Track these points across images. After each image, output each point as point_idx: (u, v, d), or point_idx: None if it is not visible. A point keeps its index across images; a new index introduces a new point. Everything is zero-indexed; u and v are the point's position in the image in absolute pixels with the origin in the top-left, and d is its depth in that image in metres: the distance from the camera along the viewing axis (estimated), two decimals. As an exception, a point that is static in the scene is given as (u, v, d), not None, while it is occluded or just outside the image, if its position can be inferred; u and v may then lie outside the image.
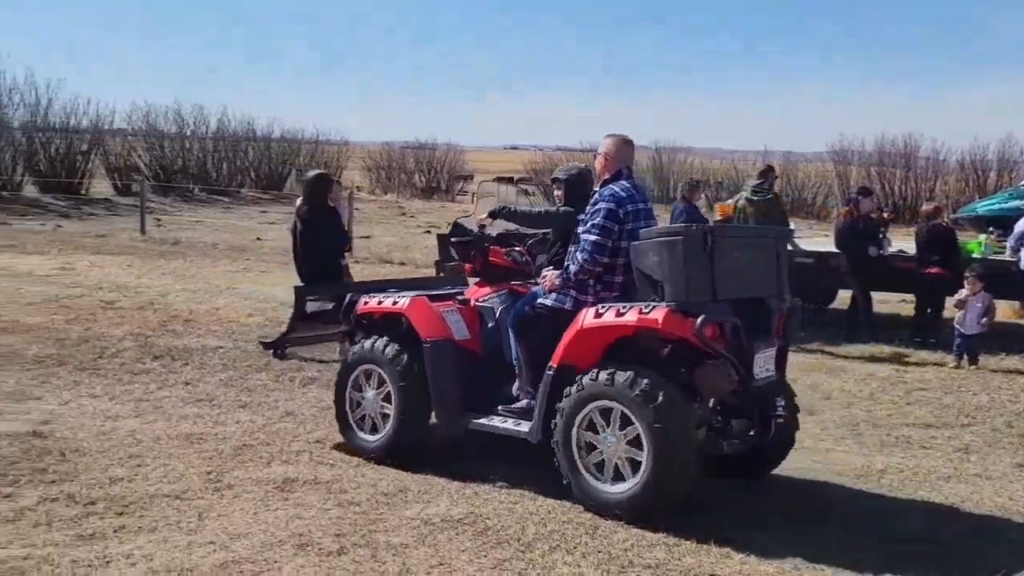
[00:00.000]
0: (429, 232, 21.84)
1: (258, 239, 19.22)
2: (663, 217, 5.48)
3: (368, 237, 18.84)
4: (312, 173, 8.84)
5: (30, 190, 26.10)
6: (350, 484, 4.99)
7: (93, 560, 3.92)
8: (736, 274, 4.67)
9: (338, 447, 5.65)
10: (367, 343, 5.51)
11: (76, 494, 4.66)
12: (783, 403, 4.88)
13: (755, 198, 10.25)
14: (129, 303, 10.58)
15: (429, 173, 40.70)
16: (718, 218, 9.46)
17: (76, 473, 4.99)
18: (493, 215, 5.55)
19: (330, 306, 6.47)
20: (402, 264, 15.74)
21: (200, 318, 9.96)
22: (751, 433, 4.92)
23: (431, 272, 8.89)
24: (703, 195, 16.05)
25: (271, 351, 7.46)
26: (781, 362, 5.01)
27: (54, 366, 7.47)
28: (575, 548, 4.24)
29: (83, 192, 27.15)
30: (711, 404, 4.72)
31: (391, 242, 18.88)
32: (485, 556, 4.12)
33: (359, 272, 12.09)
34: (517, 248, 5.75)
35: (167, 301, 10.85)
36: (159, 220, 21.83)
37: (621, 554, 4.19)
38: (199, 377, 7.34)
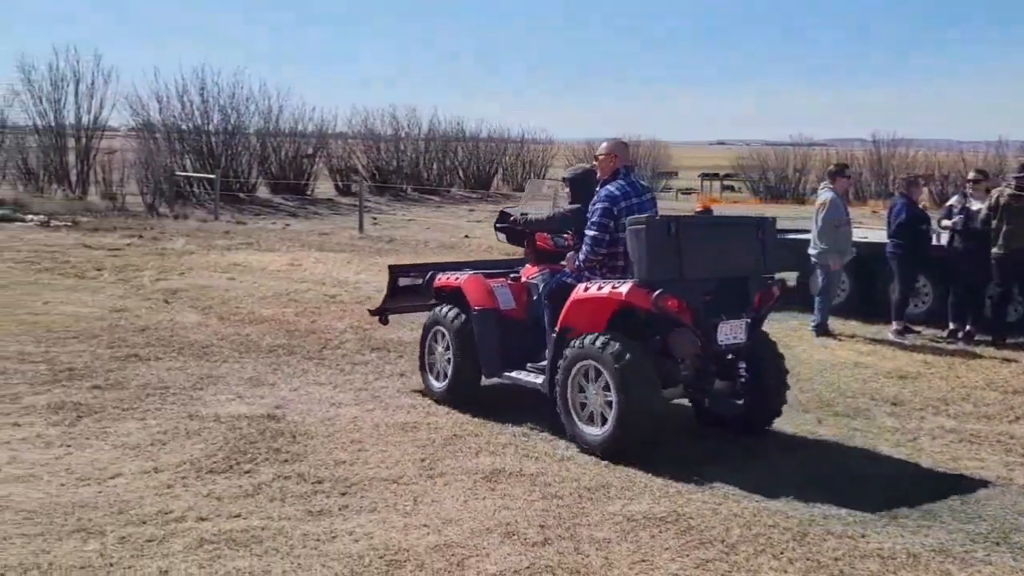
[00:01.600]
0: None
1: (466, 237, 19.90)
2: (656, 207, 5.75)
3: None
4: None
5: (263, 191, 28.33)
6: (554, 478, 5.11)
7: (321, 534, 4.25)
8: (707, 257, 5.54)
9: (543, 441, 5.80)
10: (437, 309, 6.76)
11: (306, 473, 5.07)
12: (745, 366, 5.76)
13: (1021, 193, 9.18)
14: (349, 297, 11.29)
15: (632, 170, 40.56)
16: (698, 210, 8.91)
17: (305, 454, 5.42)
18: (508, 229, 6.85)
19: (419, 281, 7.23)
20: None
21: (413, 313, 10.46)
22: (739, 394, 5.86)
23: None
24: (925, 190, 15.08)
25: (377, 317, 7.89)
26: (754, 331, 5.72)
27: (285, 355, 8.11)
28: (781, 553, 4.15)
29: (308, 193, 29.19)
30: (687, 365, 5.65)
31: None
32: (687, 556, 4.11)
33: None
34: (564, 236, 6.58)
35: (383, 297, 11.44)
36: (375, 219, 23.08)
37: (831, 563, 4.06)
38: (412, 369, 7.71)
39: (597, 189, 5.93)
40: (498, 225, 7.08)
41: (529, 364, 6.22)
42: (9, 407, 6.12)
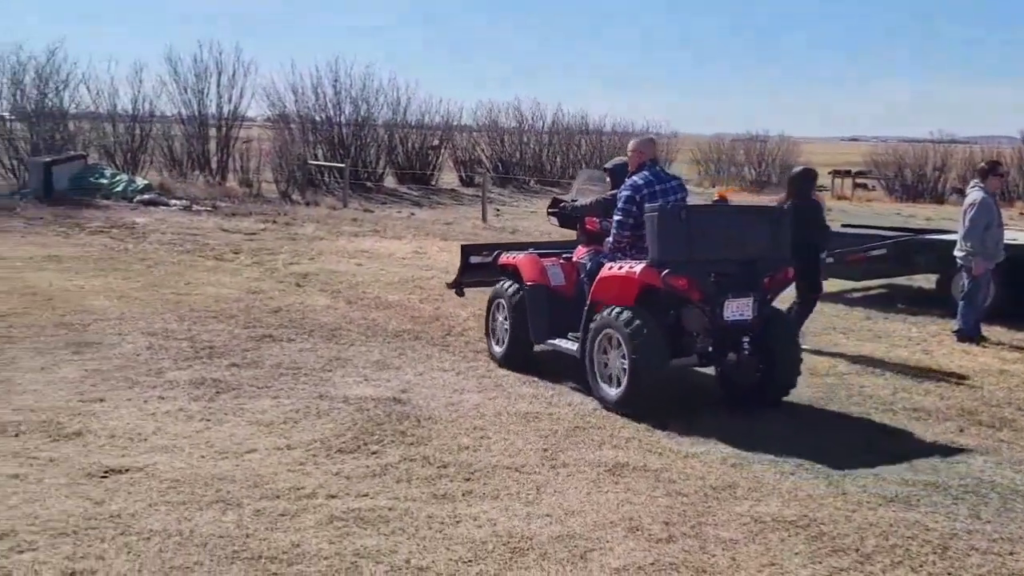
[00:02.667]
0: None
1: (588, 229, 19.79)
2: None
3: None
4: (798, 168, 8.78)
5: (389, 181, 28.95)
6: (678, 475, 5.03)
7: (445, 518, 4.30)
8: (715, 241, 6.16)
9: (667, 437, 5.71)
10: (499, 284, 7.60)
11: (430, 457, 5.14)
12: (749, 340, 6.23)
13: None
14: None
15: (759, 166, 39.59)
16: (716, 199, 9.03)
17: (430, 438, 5.49)
18: (558, 213, 7.63)
19: (488, 259, 8.04)
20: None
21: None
22: (753, 366, 6.38)
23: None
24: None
25: (453, 290, 8.66)
26: (762, 310, 6.24)
27: (410, 340, 8.26)
28: (921, 567, 3.96)
29: (433, 183, 29.66)
30: (701, 338, 6.25)
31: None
32: (820, 562, 3.97)
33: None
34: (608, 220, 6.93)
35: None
36: (498, 210, 23.25)
37: (975, 580, 3.84)
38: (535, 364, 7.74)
39: (626, 179, 6.67)
40: (550, 210, 7.91)
41: (570, 333, 6.88)
42: (155, 381, 6.45)
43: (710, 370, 6.78)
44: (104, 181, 19.88)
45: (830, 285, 11.60)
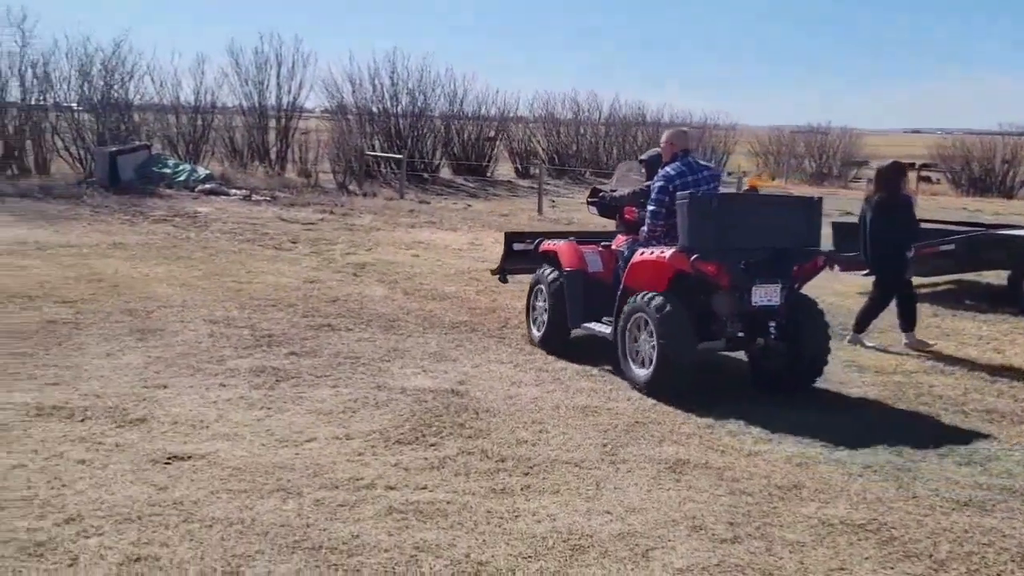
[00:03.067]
0: (819, 219, 20.84)
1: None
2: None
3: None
4: (886, 162, 8.63)
5: (445, 172, 29.03)
6: (741, 473, 4.92)
7: (504, 513, 4.26)
8: (744, 229, 6.32)
9: (729, 434, 5.60)
10: (539, 270, 7.86)
11: (489, 450, 5.10)
12: (775, 325, 6.41)
13: None
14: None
15: (820, 158, 38.86)
16: (747, 188, 9.03)
17: (488, 431, 5.46)
18: (598, 203, 7.85)
19: (531, 247, 8.31)
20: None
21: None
22: (781, 351, 6.51)
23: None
24: None
25: (497, 276, 8.99)
26: (790, 296, 6.39)
27: (466, 332, 8.24)
28: (998, 576, 3.81)
29: (488, 174, 29.66)
30: (731, 323, 6.44)
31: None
32: (891, 568, 3.84)
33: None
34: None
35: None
36: (554, 201, 23.14)
37: (1057, 592, 3.68)
38: (590, 354, 7.66)
39: (659, 170, 6.90)
40: (589, 200, 8.17)
41: (604, 317, 7.11)
42: (217, 368, 6.51)
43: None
44: (167, 171, 20.25)
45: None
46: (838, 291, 11.10)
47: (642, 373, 6.46)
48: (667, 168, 6.78)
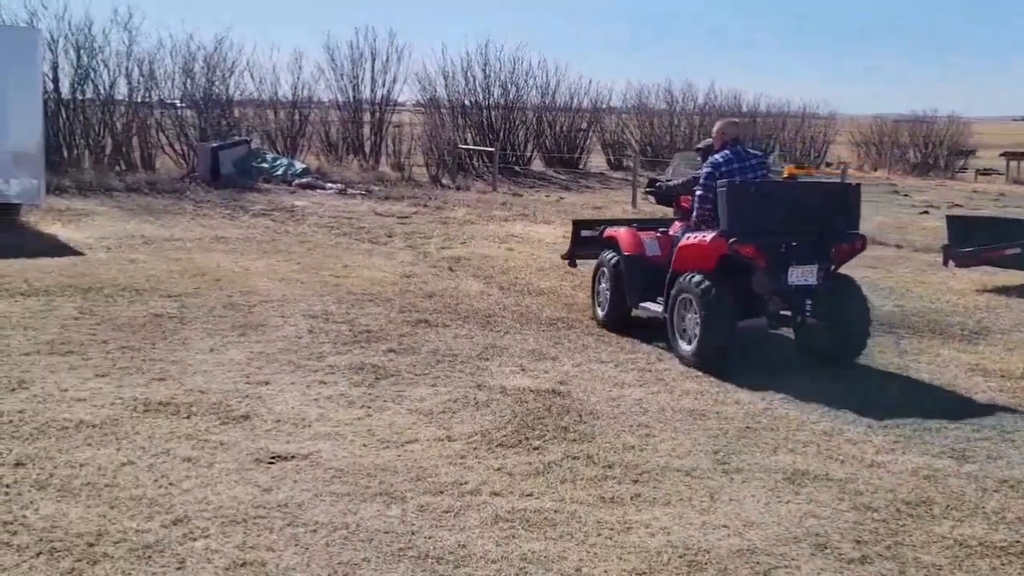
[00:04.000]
0: (927, 212, 19.95)
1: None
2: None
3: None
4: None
5: (537, 164, 28.88)
6: (865, 486, 4.61)
7: (615, 524, 4.07)
8: (782, 213, 6.74)
9: (848, 442, 5.28)
10: (602, 254, 8.35)
11: (595, 456, 4.92)
12: (811, 303, 6.79)
13: None
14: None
15: (925, 148, 37.29)
16: (786, 176, 9.05)
17: (593, 435, 5.27)
18: (655, 192, 8.40)
19: (596, 233, 8.77)
20: (898, 247, 14.50)
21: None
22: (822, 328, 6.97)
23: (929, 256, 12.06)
24: None
25: (567, 262, 9.57)
26: (827, 276, 6.78)
27: (564, 329, 8.06)
28: None
29: (581, 166, 29.40)
30: (774, 301, 6.90)
31: (884, 222, 17.52)
32: (1043, 599, 3.51)
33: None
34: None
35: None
36: (647, 194, 22.76)
37: None
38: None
39: (709, 158, 7.32)
40: (647, 190, 8.77)
41: (658, 297, 7.50)
42: (316, 365, 6.50)
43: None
44: (265, 165, 20.64)
45: (1012, 277, 10.70)
46: (955, 289, 10.54)
47: (687, 348, 6.94)
48: (716, 156, 7.22)
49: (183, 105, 22.86)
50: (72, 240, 11.99)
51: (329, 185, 20.26)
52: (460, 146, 25.87)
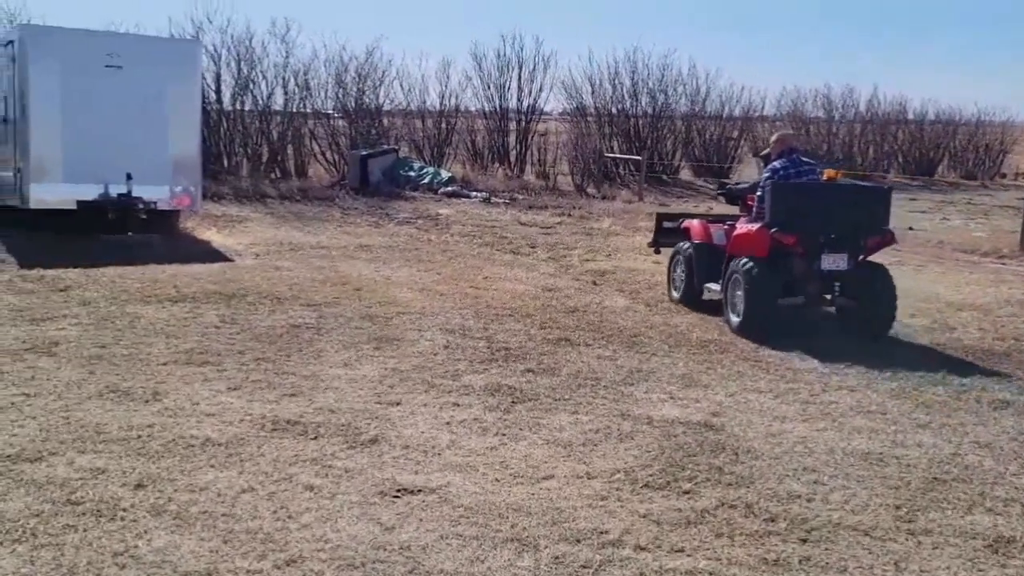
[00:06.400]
0: None
1: (910, 229, 17.77)
2: None
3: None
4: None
5: (685, 174, 28.03)
6: (1088, 561, 3.84)
7: (781, 594, 3.49)
8: (819, 210, 7.94)
9: (1059, 503, 4.48)
10: (679, 243, 9.56)
11: (754, 504, 4.33)
12: (839, 285, 8.08)
13: None
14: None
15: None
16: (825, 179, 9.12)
17: (751, 478, 4.68)
18: (725, 193, 9.79)
19: (675, 225, 10.21)
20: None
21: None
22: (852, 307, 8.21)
23: None
24: None
25: (652, 248, 10.85)
26: (857, 265, 8.04)
27: (716, 352, 7.45)
28: None
29: (730, 176, 28.31)
30: (806, 283, 8.06)
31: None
32: None
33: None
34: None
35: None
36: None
37: None
38: (864, 384, 6.66)
39: (768, 164, 8.56)
40: (719, 192, 10.55)
41: (720, 279, 8.55)
42: (451, 384, 6.16)
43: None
44: (412, 173, 20.76)
45: None
46: None
47: (736, 319, 8.15)
48: (775, 163, 8.43)
49: (336, 115, 23.35)
50: (224, 246, 12.23)
51: (474, 193, 20.17)
52: (606, 154, 25.36)
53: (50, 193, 11.67)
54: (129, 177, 11.81)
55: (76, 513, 3.90)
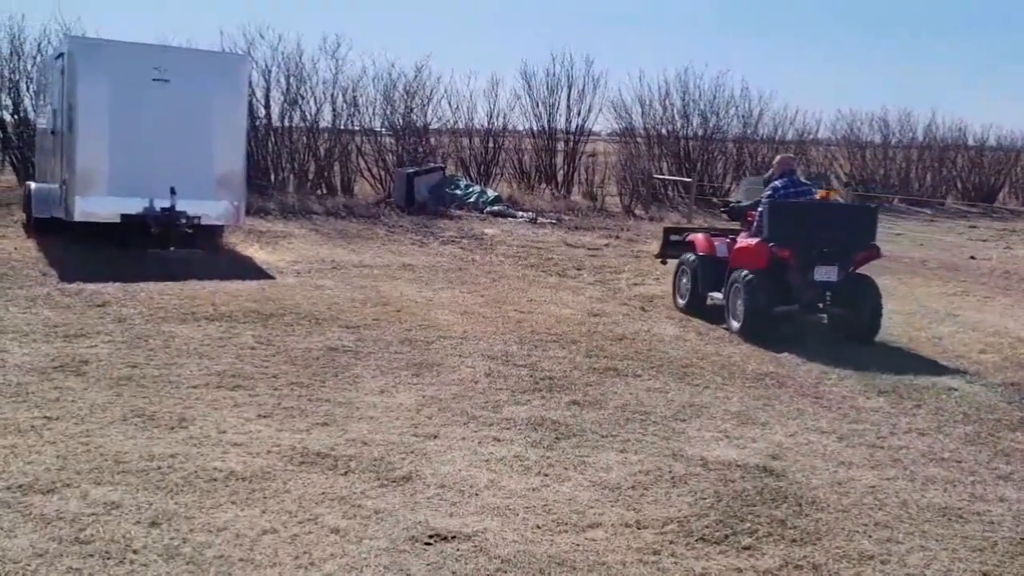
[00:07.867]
0: None
1: (972, 258, 17.08)
2: None
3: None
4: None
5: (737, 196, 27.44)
6: None
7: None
8: (812, 226, 8.78)
9: None
10: (684, 255, 10.21)
11: (822, 566, 3.92)
12: (830, 294, 8.79)
13: None
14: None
15: None
16: (819, 197, 10.09)
17: (817, 534, 4.27)
18: (729, 210, 10.41)
19: (681, 239, 10.76)
20: None
21: (922, 347, 8.81)
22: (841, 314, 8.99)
23: None
24: None
25: (659, 259, 11.51)
26: (847, 276, 8.78)
27: (773, 387, 7.03)
28: None
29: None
30: (806, 293, 8.78)
31: None
32: None
33: None
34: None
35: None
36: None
37: None
38: (935, 426, 6.20)
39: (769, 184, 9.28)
40: (723, 209, 11.39)
41: (722, 288, 9.25)
42: (491, 416, 5.82)
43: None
44: (459, 192, 20.53)
45: None
46: None
47: (736, 325, 8.86)
48: (776, 183, 9.18)
49: (384, 132, 23.24)
50: (266, 263, 12.06)
51: (520, 213, 19.87)
52: (655, 176, 24.94)
53: (95, 206, 11.59)
54: (173, 191, 11.70)
55: (83, 554, 3.62)
